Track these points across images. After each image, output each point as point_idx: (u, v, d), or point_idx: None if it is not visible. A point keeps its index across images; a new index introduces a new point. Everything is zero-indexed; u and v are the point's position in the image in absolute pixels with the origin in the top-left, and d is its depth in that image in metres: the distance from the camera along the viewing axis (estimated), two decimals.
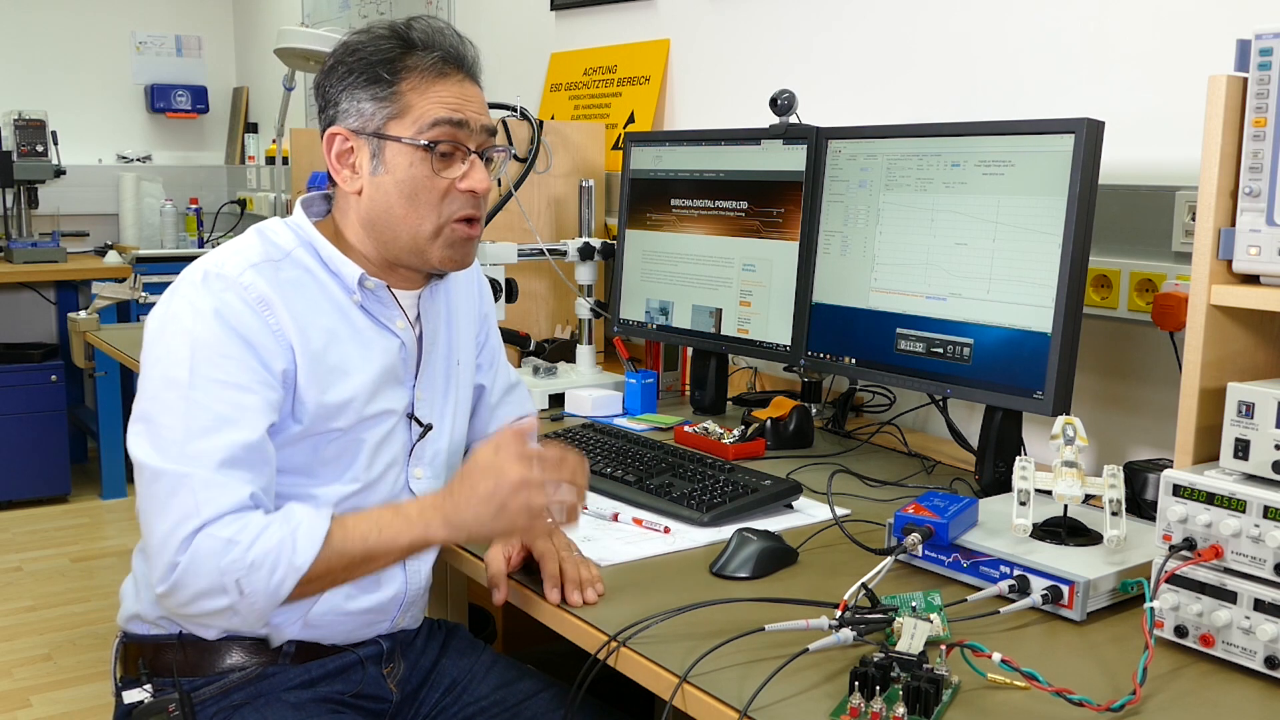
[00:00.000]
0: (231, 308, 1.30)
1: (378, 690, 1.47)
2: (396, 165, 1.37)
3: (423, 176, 1.37)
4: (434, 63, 1.37)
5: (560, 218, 2.72)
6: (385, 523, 1.30)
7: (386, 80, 1.36)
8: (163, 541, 1.24)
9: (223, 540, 1.23)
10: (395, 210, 1.38)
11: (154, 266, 4.82)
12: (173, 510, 1.23)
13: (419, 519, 1.30)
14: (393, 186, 1.38)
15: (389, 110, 1.37)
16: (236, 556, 1.23)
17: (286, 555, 1.24)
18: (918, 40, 2.19)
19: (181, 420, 1.26)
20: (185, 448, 1.25)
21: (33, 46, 5.20)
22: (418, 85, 1.37)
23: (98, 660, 3.22)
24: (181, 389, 1.27)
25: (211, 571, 1.23)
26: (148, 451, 1.27)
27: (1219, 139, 1.20)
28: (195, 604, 1.25)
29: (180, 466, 1.24)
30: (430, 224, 1.39)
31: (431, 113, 1.36)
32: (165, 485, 1.24)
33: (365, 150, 1.38)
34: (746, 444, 1.91)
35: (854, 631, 1.13)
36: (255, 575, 1.23)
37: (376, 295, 1.42)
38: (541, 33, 3.28)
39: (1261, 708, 1.06)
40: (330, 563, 1.27)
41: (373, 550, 1.29)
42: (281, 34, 3.30)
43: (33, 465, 4.51)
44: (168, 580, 1.24)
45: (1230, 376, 1.20)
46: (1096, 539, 1.35)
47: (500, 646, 2.27)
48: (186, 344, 1.28)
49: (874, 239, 1.84)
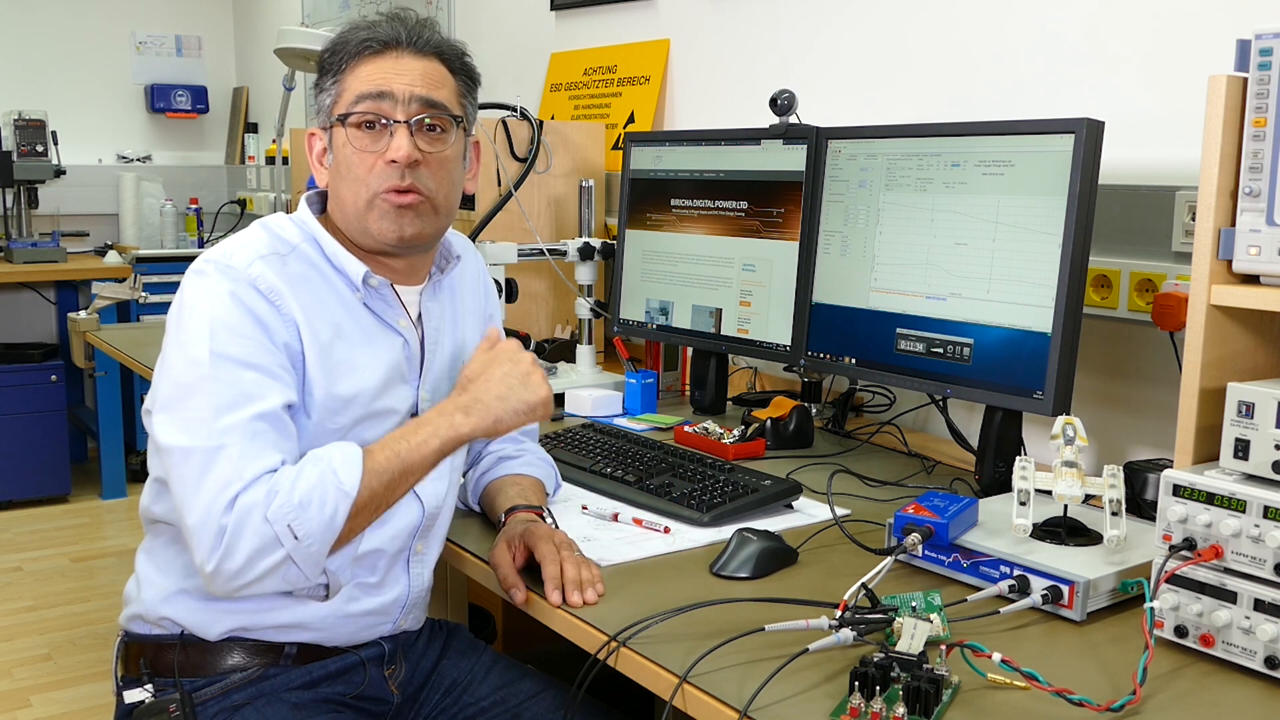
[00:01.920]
0: (246, 292, 1.31)
1: (379, 692, 1.47)
2: (339, 147, 1.40)
3: (352, 153, 1.38)
4: (371, 44, 1.39)
5: (560, 218, 2.72)
6: (409, 434, 1.32)
7: (334, 70, 1.40)
8: (204, 514, 1.23)
9: (263, 493, 1.22)
10: (341, 192, 1.41)
11: (154, 266, 4.82)
12: (209, 483, 1.23)
13: (442, 420, 1.32)
14: (337, 169, 1.41)
15: (333, 97, 1.40)
16: (283, 501, 1.22)
17: (333, 485, 1.24)
18: (917, 40, 2.19)
19: (207, 399, 1.26)
20: (214, 424, 1.25)
21: (33, 46, 5.20)
22: (354, 67, 1.39)
23: (98, 660, 3.22)
24: (203, 369, 1.27)
25: (260, 524, 1.21)
26: (176, 435, 1.26)
27: (1219, 139, 1.20)
28: (251, 567, 1.22)
29: (212, 441, 1.24)
30: (363, 198, 1.39)
31: (355, 89, 1.38)
32: (199, 462, 1.24)
33: (326, 143, 1.43)
34: (746, 444, 1.91)
35: (854, 631, 1.13)
36: (306, 514, 1.22)
37: (380, 293, 1.42)
38: (541, 33, 3.28)
39: (1261, 708, 1.06)
40: (372, 485, 1.27)
41: (408, 461, 1.30)
42: (281, 34, 3.30)
43: (33, 465, 4.50)
44: (217, 550, 1.22)
45: (1230, 376, 1.20)
46: (1096, 539, 1.35)
47: (500, 646, 2.27)
48: (205, 326, 1.29)
49: (874, 239, 1.84)
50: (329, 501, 1.24)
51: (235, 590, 1.25)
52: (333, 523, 1.24)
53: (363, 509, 1.27)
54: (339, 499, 1.24)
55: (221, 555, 1.22)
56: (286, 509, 1.22)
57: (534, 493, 1.55)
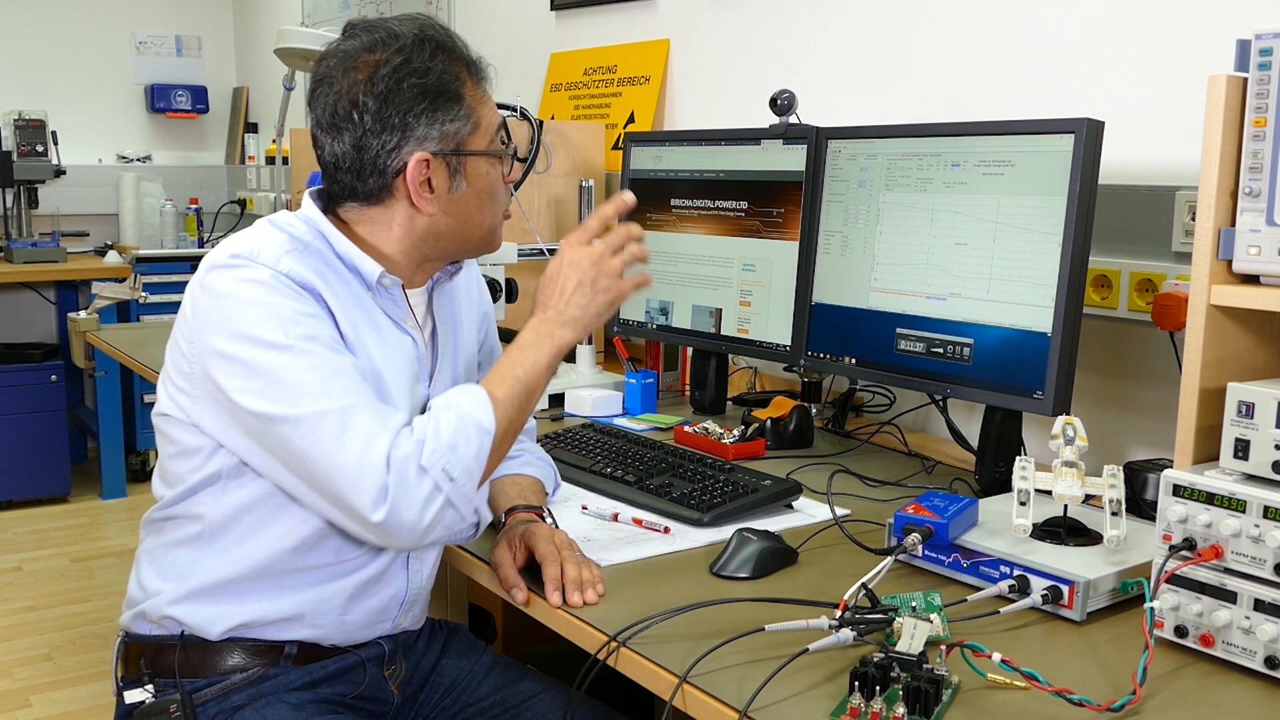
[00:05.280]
0: (287, 282, 1.31)
1: (379, 692, 1.47)
2: (476, 174, 1.41)
3: (496, 179, 1.44)
4: (475, 70, 1.42)
5: (560, 218, 2.72)
6: (519, 359, 1.35)
7: (458, 97, 1.38)
8: (359, 469, 1.23)
9: (413, 444, 1.25)
10: (473, 218, 1.43)
11: (154, 266, 4.82)
12: (353, 438, 1.24)
13: (543, 336, 1.37)
14: (473, 197, 1.42)
15: (468, 127, 1.39)
16: (434, 448, 1.25)
17: (472, 424, 1.28)
18: (917, 40, 2.19)
19: (310, 373, 1.26)
20: (334, 387, 1.26)
21: (33, 46, 5.20)
22: (477, 95, 1.41)
23: (98, 660, 3.22)
24: (290, 351, 1.27)
25: (418, 474, 1.24)
26: (294, 403, 1.25)
27: (1219, 139, 1.20)
28: (422, 514, 1.24)
29: (340, 401, 1.25)
30: (498, 219, 1.47)
31: (494, 120, 1.42)
32: (334, 421, 1.24)
33: (443, 170, 1.39)
34: (746, 444, 1.91)
35: (854, 631, 1.13)
36: (455, 455, 1.26)
37: (391, 293, 1.43)
38: (541, 33, 3.28)
39: (1261, 708, 1.06)
40: (508, 415, 1.31)
41: (530, 384, 1.34)
42: (281, 34, 3.30)
43: (33, 465, 4.51)
44: (384, 503, 1.23)
45: (1230, 376, 1.20)
46: (1096, 539, 1.35)
47: (500, 646, 2.28)
48: (270, 312, 1.28)
49: (874, 239, 1.84)
50: (472, 440, 1.27)
51: (415, 541, 1.28)
52: (479, 459, 1.28)
53: (501, 441, 1.31)
54: (481, 436, 1.28)
55: (389, 509, 1.23)
56: (439, 454, 1.25)
57: (534, 493, 1.55)
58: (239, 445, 1.32)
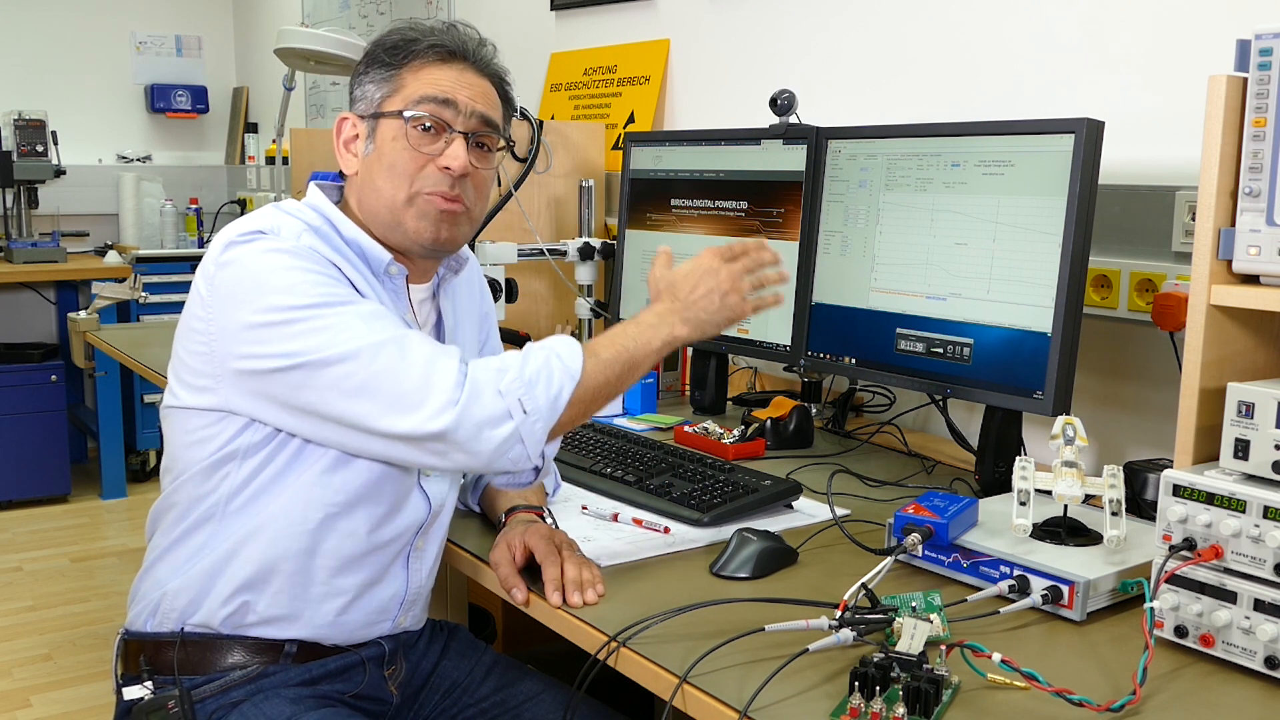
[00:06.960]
0: (312, 252, 1.33)
1: (378, 692, 1.46)
2: (383, 139, 1.41)
3: (402, 149, 1.40)
4: (437, 50, 1.41)
5: (560, 218, 2.72)
6: (632, 333, 1.35)
7: (391, 64, 1.42)
8: (424, 386, 1.24)
9: (493, 369, 1.26)
10: (377, 183, 1.41)
11: (154, 266, 4.83)
12: (415, 360, 1.25)
13: (662, 323, 1.37)
14: (376, 160, 1.41)
15: (386, 90, 1.41)
16: (514, 377, 1.26)
17: (559, 367, 1.28)
18: (917, 40, 2.19)
19: (353, 318, 1.27)
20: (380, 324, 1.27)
21: (33, 46, 5.20)
22: (417, 68, 1.41)
23: (98, 660, 3.22)
24: (325, 306, 1.27)
25: (493, 396, 1.24)
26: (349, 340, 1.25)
27: (1219, 139, 1.20)
28: (478, 438, 1.24)
29: (394, 331, 1.27)
30: (404, 193, 1.40)
31: (419, 90, 1.40)
32: (394, 348, 1.25)
33: (364, 131, 1.43)
34: (746, 444, 1.91)
35: (854, 632, 1.13)
36: (534, 390, 1.26)
37: (394, 284, 1.43)
38: (541, 33, 3.28)
39: (1261, 708, 1.06)
40: (601, 372, 1.31)
41: (635, 356, 1.34)
42: (281, 34, 3.30)
43: (33, 465, 4.51)
44: (447, 415, 1.23)
45: (1230, 376, 1.20)
46: (1096, 539, 1.35)
47: (500, 646, 2.27)
48: (301, 280, 1.28)
49: (874, 239, 1.84)
50: (555, 380, 1.28)
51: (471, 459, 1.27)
52: (557, 402, 1.27)
53: (585, 397, 1.30)
54: (565, 379, 1.28)
55: (452, 424, 1.23)
56: (518, 384, 1.26)
57: (534, 493, 1.55)
58: (272, 415, 1.32)
